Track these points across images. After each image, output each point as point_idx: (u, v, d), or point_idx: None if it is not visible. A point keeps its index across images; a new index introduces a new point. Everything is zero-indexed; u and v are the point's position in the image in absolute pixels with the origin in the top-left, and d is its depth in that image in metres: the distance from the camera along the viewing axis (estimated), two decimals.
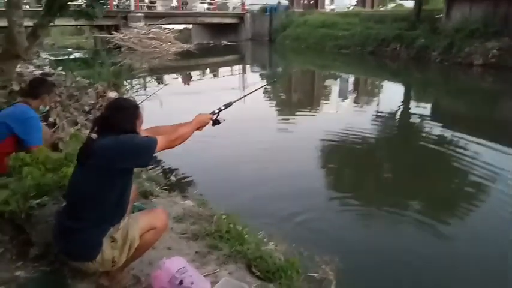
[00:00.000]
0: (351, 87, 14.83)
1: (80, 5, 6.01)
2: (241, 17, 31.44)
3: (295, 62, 22.90)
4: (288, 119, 9.38)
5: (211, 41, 30.47)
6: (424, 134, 7.81)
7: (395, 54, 19.94)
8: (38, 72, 8.28)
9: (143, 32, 22.24)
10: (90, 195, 2.00)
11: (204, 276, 2.30)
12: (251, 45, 30.01)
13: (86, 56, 19.46)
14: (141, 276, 2.29)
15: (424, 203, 4.70)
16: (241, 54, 26.96)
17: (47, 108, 3.57)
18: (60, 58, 16.61)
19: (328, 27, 25.26)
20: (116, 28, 22.58)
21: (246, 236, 2.86)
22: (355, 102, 11.72)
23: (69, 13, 5.41)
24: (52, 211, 2.44)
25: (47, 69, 9.10)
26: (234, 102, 2.60)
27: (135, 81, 8.92)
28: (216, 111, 2.49)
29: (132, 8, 24.26)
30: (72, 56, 19.23)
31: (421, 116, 9.45)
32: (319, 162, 6.29)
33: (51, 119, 4.44)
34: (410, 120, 9.43)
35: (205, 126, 2.43)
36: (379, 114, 9.63)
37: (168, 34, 23.06)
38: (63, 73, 8.64)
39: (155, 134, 2.19)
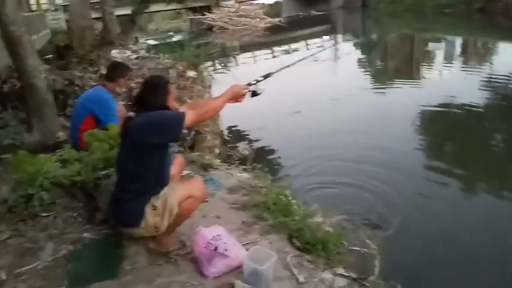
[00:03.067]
0: (456, 50, 13.42)
1: None
2: None
3: (391, 27, 21.42)
4: (384, 88, 8.89)
5: (301, 12, 29.88)
6: None
7: (510, 9, 17.30)
8: (133, 57, 9.11)
9: (233, 10, 22.76)
10: (132, 169, 2.22)
11: (244, 244, 2.40)
12: (342, 13, 28.73)
13: (184, 38, 20.67)
14: (187, 242, 2.47)
15: None
16: (332, 23, 25.98)
17: (123, 90, 3.94)
18: (159, 42, 17.91)
19: None
20: (209, 9, 23.49)
21: (293, 207, 2.87)
22: (461, 67, 10.60)
23: None
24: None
25: (142, 53, 9.92)
26: (273, 73, 2.56)
27: (214, 61, 9.30)
28: (253, 82, 2.48)
29: None
30: (174, 39, 20.60)
31: None
32: (412, 135, 5.89)
33: None
34: None
35: (241, 97, 2.42)
36: (491, 80, 8.55)
37: (256, 10, 23.26)
38: (156, 56, 9.35)
39: (193, 109, 2.30)
